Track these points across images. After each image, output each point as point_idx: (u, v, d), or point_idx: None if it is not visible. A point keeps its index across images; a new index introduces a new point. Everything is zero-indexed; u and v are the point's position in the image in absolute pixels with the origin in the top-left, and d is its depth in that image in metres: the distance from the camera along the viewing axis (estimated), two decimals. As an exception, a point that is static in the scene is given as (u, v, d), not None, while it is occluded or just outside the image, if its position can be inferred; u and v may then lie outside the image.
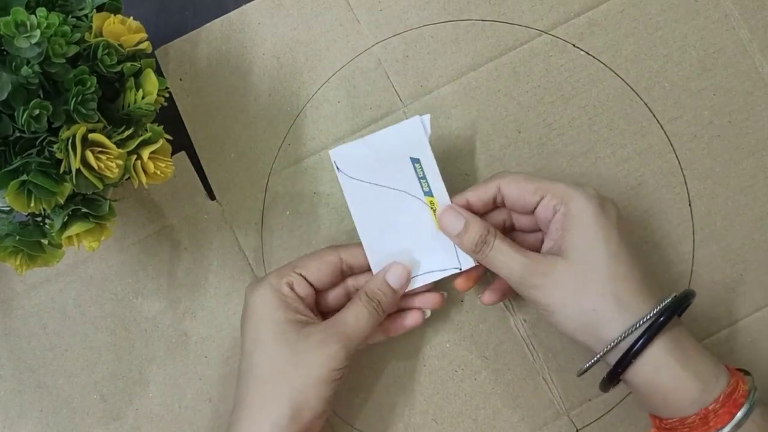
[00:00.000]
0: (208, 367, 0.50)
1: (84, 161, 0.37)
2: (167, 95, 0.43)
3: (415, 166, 0.45)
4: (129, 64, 0.40)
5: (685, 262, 0.50)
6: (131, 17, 0.41)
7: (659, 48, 0.52)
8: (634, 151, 0.51)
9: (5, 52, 0.35)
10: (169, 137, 0.42)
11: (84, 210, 0.39)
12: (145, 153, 0.39)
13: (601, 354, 0.40)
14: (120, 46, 0.39)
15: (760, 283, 0.50)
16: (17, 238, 0.39)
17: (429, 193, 0.45)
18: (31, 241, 0.40)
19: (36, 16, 0.34)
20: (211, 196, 0.52)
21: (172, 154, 0.50)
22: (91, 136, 0.37)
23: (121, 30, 0.40)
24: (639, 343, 0.38)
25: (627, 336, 0.39)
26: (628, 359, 0.39)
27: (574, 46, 0.52)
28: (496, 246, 0.42)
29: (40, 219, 0.41)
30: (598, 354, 0.40)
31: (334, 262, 0.45)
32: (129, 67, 0.40)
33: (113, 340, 0.50)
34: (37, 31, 0.34)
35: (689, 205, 0.51)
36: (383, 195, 0.45)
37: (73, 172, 0.37)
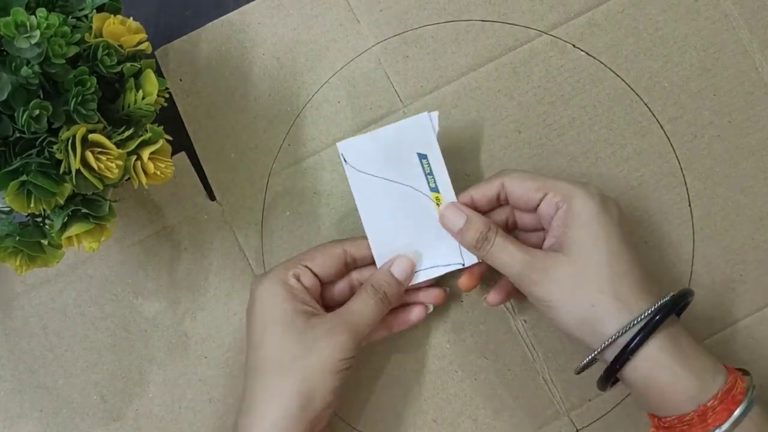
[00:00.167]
0: (208, 367, 0.50)
1: (84, 162, 0.37)
2: (167, 95, 0.43)
3: (422, 161, 0.45)
4: (129, 64, 0.40)
5: (685, 262, 0.50)
6: (131, 17, 0.41)
7: (659, 48, 0.52)
8: (634, 151, 0.51)
9: (5, 53, 0.35)
10: (169, 137, 0.42)
11: (84, 210, 0.39)
12: (145, 153, 0.39)
13: (599, 350, 0.40)
14: (120, 46, 0.39)
15: (760, 283, 0.50)
16: (17, 238, 0.39)
17: (435, 189, 0.45)
18: (31, 241, 0.40)
19: (36, 17, 0.34)
20: (211, 197, 0.51)
21: (172, 155, 0.49)
22: (91, 137, 0.37)
23: (121, 30, 0.40)
24: (636, 340, 0.38)
25: (624, 333, 0.39)
26: (625, 356, 0.39)
27: (574, 46, 0.52)
28: (497, 243, 0.42)
29: (40, 219, 0.41)
30: (596, 350, 0.40)
31: (338, 255, 0.45)
32: (129, 68, 0.40)
33: (113, 340, 0.50)
34: (37, 32, 0.34)
35: (689, 205, 0.51)
36: (389, 189, 0.45)
37: (73, 173, 0.37)
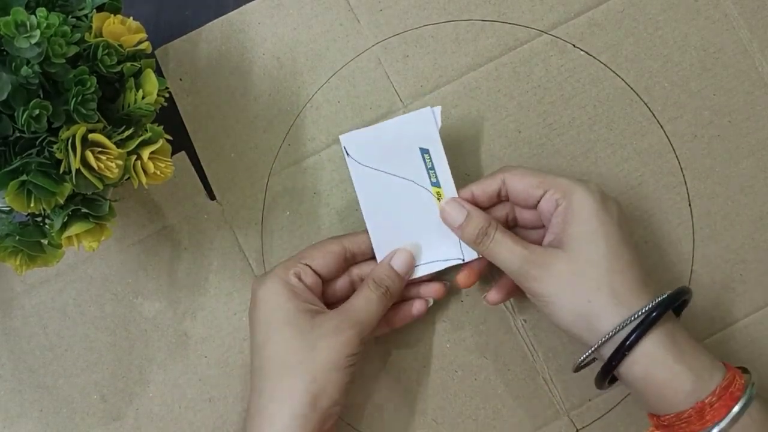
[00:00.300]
0: (208, 367, 0.50)
1: (84, 161, 0.37)
2: (167, 95, 0.43)
3: (424, 156, 0.45)
4: (129, 64, 0.40)
5: (685, 262, 0.50)
6: (131, 17, 0.41)
7: (659, 48, 0.52)
8: (634, 151, 0.51)
9: (5, 52, 0.35)
10: (169, 137, 0.42)
11: (84, 210, 0.39)
12: (145, 153, 0.39)
13: (596, 346, 0.40)
14: (120, 46, 0.39)
15: (760, 283, 0.50)
16: (17, 238, 0.39)
17: (436, 184, 0.45)
18: (31, 241, 0.40)
19: (36, 17, 0.34)
20: (211, 196, 0.51)
21: (172, 154, 0.50)
22: (91, 137, 0.37)
23: (121, 30, 0.40)
24: (633, 337, 0.38)
25: (621, 329, 0.39)
26: (621, 352, 0.39)
27: (574, 46, 0.52)
28: (496, 238, 0.43)
29: (40, 219, 0.40)
30: (593, 346, 0.40)
31: (338, 251, 0.45)
32: (129, 68, 0.40)
33: (113, 340, 0.50)
34: (37, 32, 0.34)
35: (689, 205, 0.51)
36: (391, 183, 0.45)
37: (73, 172, 0.36)
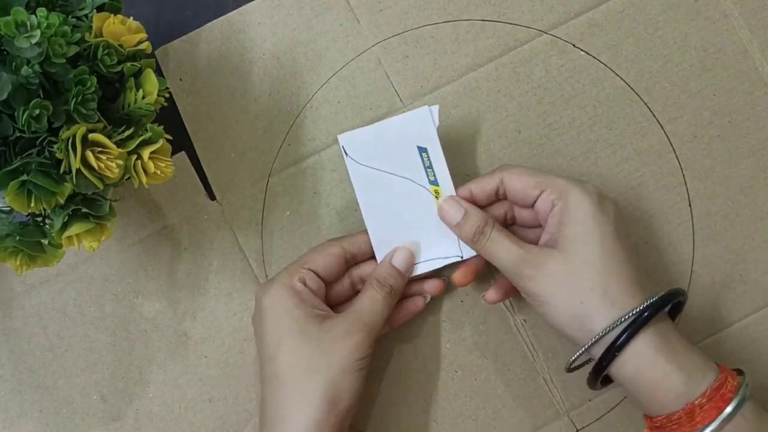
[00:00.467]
0: (208, 367, 0.50)
1: (84, 161, 0.37)
2: (167, 95, 0.43)
3: (422, 155, 0.45)
4: (129, 64, 0.40)
5: (684, 262, 0.50)
6: (131, 17, 0.41)
7: (659, 48, 0.52)
8: (634, 151, 0.51)
9: (5, 52, 0.35)
10: (169, 137, 0.42)
11: (84, 210, 0.39)
12: (145, 153, 0.39)
13: (587, 346, 0.40)
14: (120, 46, 0.39)
15: (760, 283, 0.50)
16: (17, 238, 0.39)
17: (434, 182, 0.45)
18: (31, 241, 0.40)
19: (36, 16, 0.34)
20: (211, 196, 0.51)
21: (172, 154, 0.50)
22: (91, 136, 0.37)
23: (121, 30, 0.40)
24: (623, 337, 0.38)
25: (612, 329, 0.39)
26: (611, 352, 0.39)
27: (574, 46, 0.52)
28: (492, 237, 0.43)
29: (40, 219, 0.40)
30: (583, 346, 0.40)
31: (338, 253, 0.45)
32: (129, 67, 0.40)
33: (113, 340, 0.50)
34: (37, 31, 0.34)
35: (689, 205, 0.51)
36: (389, 182, 0.46)
37: (73, 172, 0.36)
